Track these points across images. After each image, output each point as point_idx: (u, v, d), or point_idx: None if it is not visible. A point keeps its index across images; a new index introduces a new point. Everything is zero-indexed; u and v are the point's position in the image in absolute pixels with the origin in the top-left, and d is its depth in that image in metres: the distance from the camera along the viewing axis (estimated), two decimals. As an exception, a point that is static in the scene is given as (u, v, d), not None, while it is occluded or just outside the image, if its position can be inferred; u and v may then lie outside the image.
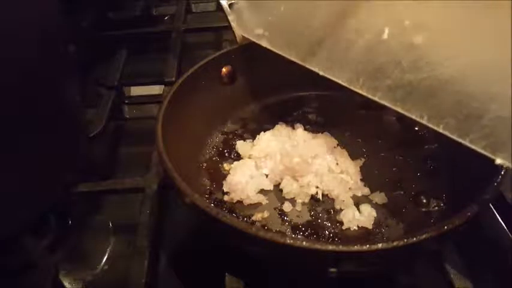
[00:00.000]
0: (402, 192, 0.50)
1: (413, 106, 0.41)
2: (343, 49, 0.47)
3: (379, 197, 0.49)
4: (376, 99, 0.44)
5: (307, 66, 0.49)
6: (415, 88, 0.42)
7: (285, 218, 0.48)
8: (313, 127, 0.59)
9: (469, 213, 0.37)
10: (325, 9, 0.50)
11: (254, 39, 0.55)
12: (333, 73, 0.47)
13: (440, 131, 0.39)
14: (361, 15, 0.47)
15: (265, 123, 0.59)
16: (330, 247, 0.35)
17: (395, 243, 0.34)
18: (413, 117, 0.41)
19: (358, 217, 0.47)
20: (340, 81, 0.47)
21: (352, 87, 0.46)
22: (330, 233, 0.46)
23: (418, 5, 0.44)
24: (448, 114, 0.39)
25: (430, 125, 0.40)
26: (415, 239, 0.34)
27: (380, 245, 0.34)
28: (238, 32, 0.58)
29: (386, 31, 0.44)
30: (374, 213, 0.47)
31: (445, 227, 0.35)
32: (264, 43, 0.54)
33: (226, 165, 0.54)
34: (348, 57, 0.47)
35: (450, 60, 0.40)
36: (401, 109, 0.42)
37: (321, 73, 0.48)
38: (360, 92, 0.45)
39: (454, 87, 0.40)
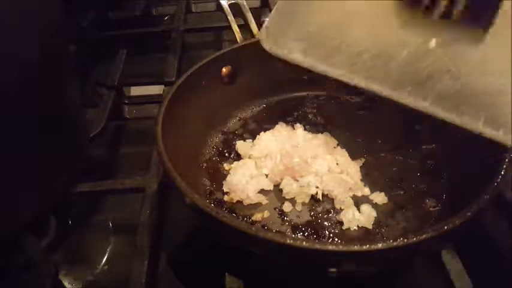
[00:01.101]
0: (402, 192, 0.50)
1: (471, 115, 0.38)
2: (386, 59, 0.43)
3: (379, 197, 0.49)
4: (425, 107, 0.40)
5: (344, 79, 0.45)
6: (472, 95, 0.38)
7: (285, 218, 0.48)
8: (313, 127, 0.59)
9: (469, 213, 0.37)
10: (366, 20, 0.46)
11: (284, 54, 0.48)
12: (374, 84, 0.44)
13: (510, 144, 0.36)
14: (407, 26, 0.44)
15: (265, 123, 0.59)
16: (330, 247, 0.35)
17: (395, 243, 0.34)
18: (473, 128, 0.38)
19: (358, 217, 0.47)
20: (383, 93, 0.43)
21: (397, 99, 0.42)
22: (330, 233, 0.46)
23: None
24: None
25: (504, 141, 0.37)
26: (415, 239, 0.35)
27: (380, 245, 0.34)
28: (267, 47, 0.49)
29: (434, 40, 0.41)
30: (374, 213, 0.47)
31: (445, 227, 0.35)
32: (296, 56, 0.48)
33: (226, 165, 0.54)
34: (391, 67, 0.43)
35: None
36: (457, 118, 0.39)
37: (357, 84, 0.45)
38: (407, 102, 0.42)
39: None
